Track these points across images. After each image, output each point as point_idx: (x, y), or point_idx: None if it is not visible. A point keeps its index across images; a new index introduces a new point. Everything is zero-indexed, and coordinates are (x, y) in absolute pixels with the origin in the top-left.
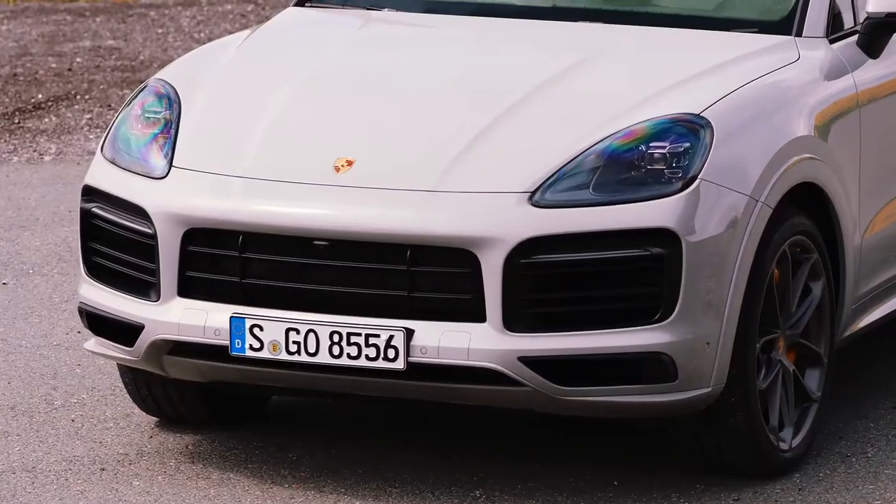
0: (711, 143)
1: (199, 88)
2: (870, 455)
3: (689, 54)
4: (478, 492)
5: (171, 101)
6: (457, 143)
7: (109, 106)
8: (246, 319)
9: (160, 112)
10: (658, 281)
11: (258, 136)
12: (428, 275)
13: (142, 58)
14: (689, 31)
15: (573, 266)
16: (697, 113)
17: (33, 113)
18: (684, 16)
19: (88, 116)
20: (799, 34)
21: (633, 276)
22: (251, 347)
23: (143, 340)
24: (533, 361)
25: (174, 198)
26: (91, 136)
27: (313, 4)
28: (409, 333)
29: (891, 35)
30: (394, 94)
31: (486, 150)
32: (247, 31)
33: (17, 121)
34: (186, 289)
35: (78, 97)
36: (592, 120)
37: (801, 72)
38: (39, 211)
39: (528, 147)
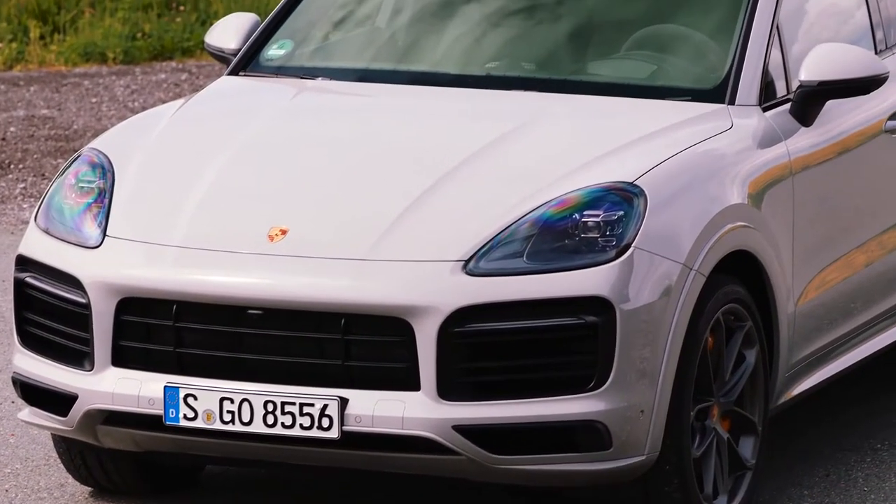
0: (645, 211)
1: (132, 157)
2: None
3: (622, 122)
4: None
5: (105, 170)
6: (391, 211)
7: (43, 175)
8: (180, 389)
9: (94, 181)
10: (592, 349)
11: (192, 205)
12: (362, 343)
13: (76, 127)
14: (623, 100)
15: (507, 334)
16: (631, 181)
17: None
18: (618, 84)
19: (22, 186)
20: (732, 102)
21: (568, 344)
22: (185, 417)
23: (77, 410)
24: (468, 430)
25: (108, 267)
26: (25, 206)
27: (247, 73)
28: (344, 402)
29: (823, 103)
30: (328, 162)
31: (420, 219)
32: (181, 100)
33: None
34: (120, 358)
35: (12, 166)
36: (526, 188)
37: (735, 140)
38: None
39: (462, 215)
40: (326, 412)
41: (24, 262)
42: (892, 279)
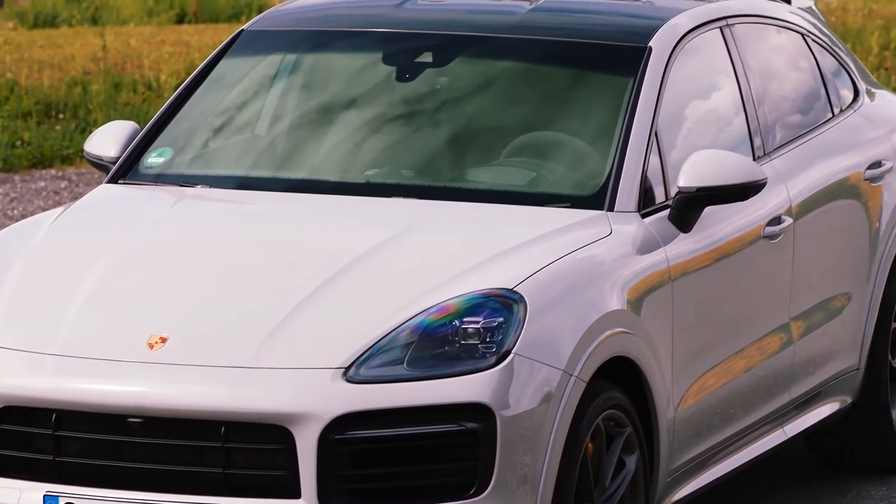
0: (525, 317)
1: (12, 265)
2: None
3: (502, 229)
4: None
5: None
6: (271, 318)
7: None
8: (60, 498)
9: None
10: (473, 456)
11: (72, 314)
12: (243, 451)
13: None
14: (503, 207)
15: (388, 441)
16: (511, 288)
17: None
18: (498, 191)
19: None
20: (611, 209)
21: (448, 451)
22: None
23: None
24: None
25: None
26: None
27: (126, 181)
28: None
29: (702, 209)
30: (208, 270)
31: (300, 326)
32: (60, 209)
33: None
34: (0, 467)
35: None
36: (406, 295)
37: (614, 246)
38: None
39: (343, 322)
40: None
41: None
42: (771, 385)
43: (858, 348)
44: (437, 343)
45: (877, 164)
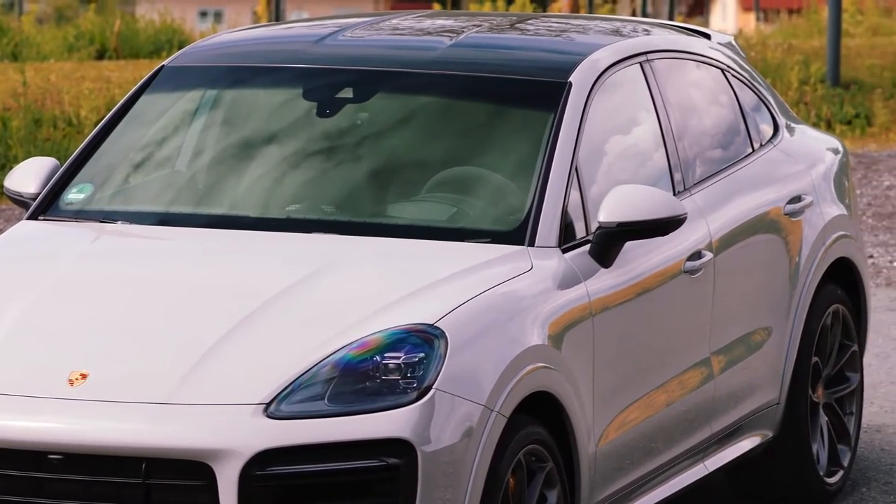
0: (446, 353)
1: None
2: None
3: (423, 265)
4: None
5: None
6: (191, 354)
7: None
8: None
9: None
10: (394, 491)
11: None
12: (164, 488)
13: None
14: (424, 242)
15: (309, 477)
16: (432, 323)
17: None
18: (418, 227)
19: None
20: (532, 244)
21: (370, 486)
22: None
23: None
24: None
25: None
26: None
27: (46, 218)
28: None
29: (622, 244)
30: (128, 306)
31: (221, 362)
32: None
33: None
34: None
35: None
36: (327, 331)
37: (534, 281)
38: None
39: (264, 358)
40: None
41: None
42: (692, 419)
43: (779, 382)
44: (359, 378)
45: (797, 199)
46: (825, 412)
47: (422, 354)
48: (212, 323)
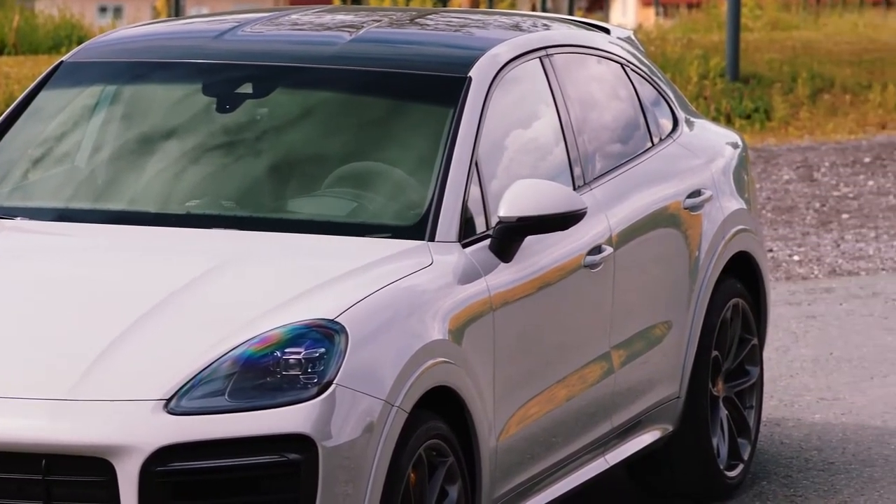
0: (346, 348)
1: None
2: None
3: (323, 260)
4: None
5: None
6: (91, 350)
7: None
8: None
9: None
10: (295, 487)
11: None
12: (64, 484)
13: None
14: (324, 237)
15: (210, 473)
16: (332, 318)
17: None
18: (319, 222)
19: None
20: (432, 239)
21: (271, 482)
22: None
23: None
24: None
25: None
26: None
27: None
28: None
29: (522, 239)
30: (27, 302)
31: (121, 358)
32: None
33: None
34: None
35: None
36: (228, 326)
37: (435, 276)
38: None
39: (164, 354)
40: None
41: None
42: (592, 413)
43: (679, 376)
44: (259, 374)
45: (696, 193)
46: (725, 406)
47: (322, 350)
48: (112, 319)
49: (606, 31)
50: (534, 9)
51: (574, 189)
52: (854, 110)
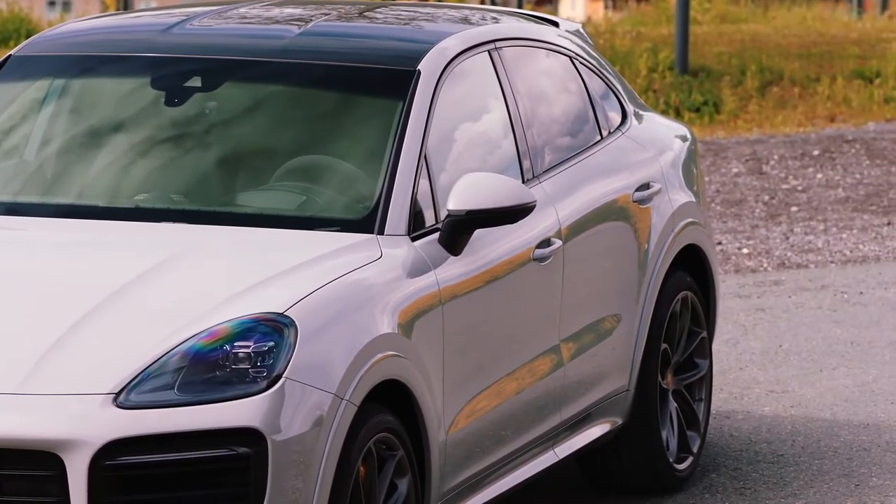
0: (296, 341)
1: None
2: None
3: (272, 254)
4: None
5: None
6: (40, 345)
7: None
8: None
9: None
10: (245, 481)
11: None
12: (13, 478)
13: None
14: (273, 231)
15: (159, 467)
16: (281, 312)
17: None
18: (268, 215)
19: None
20: (381, 232)
21: (220, 476)
22: None
23: None
24: None
25: None
26: None
27: None
28: None
29: (471, 232)
30: None
31: (70, 352)
32: None
33: None
34: None
35: None
36: (177, 320)
37: (384, 269)
38: None
39: (113, 348)
40: None
41: None
42: (542, 406)
43: (628, 369)
44: (208, 368)
45: (645, 186)
46: (675, 399)
47: (271, 343)
48: (60, 313)
49: (555, 24)
50: (483, 2)
51: (523, 182)
52: (803, 103)
